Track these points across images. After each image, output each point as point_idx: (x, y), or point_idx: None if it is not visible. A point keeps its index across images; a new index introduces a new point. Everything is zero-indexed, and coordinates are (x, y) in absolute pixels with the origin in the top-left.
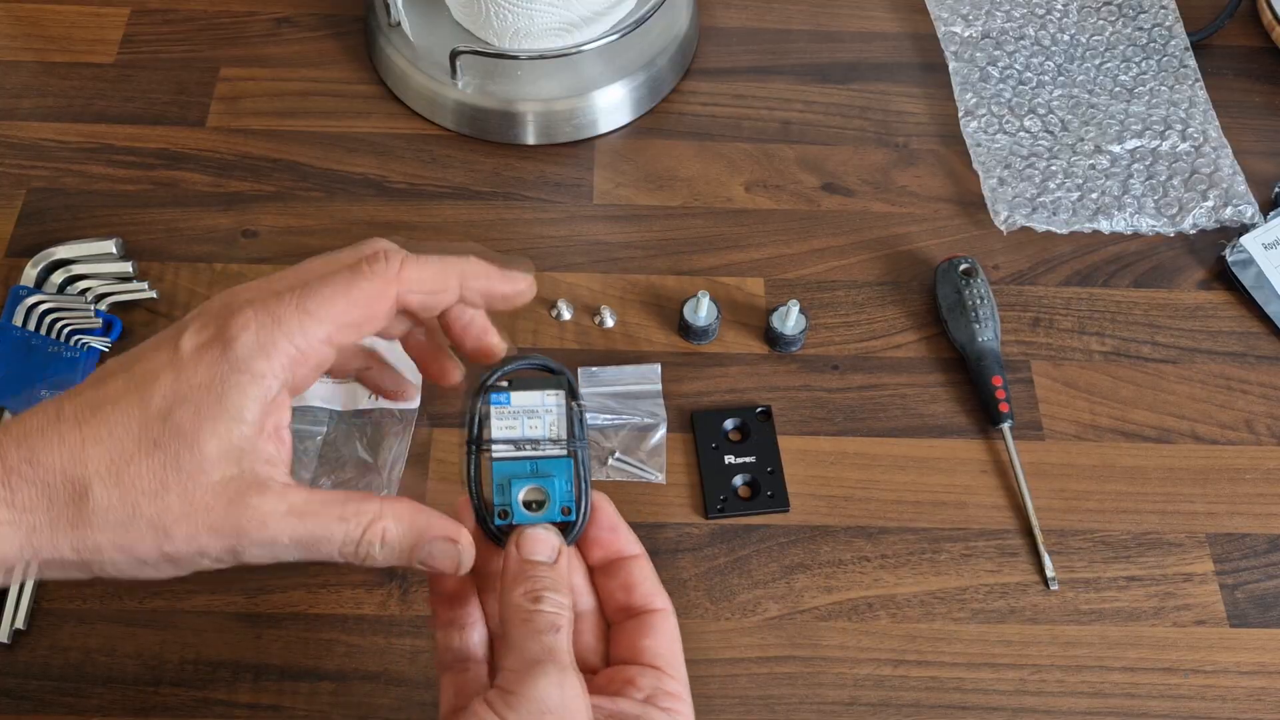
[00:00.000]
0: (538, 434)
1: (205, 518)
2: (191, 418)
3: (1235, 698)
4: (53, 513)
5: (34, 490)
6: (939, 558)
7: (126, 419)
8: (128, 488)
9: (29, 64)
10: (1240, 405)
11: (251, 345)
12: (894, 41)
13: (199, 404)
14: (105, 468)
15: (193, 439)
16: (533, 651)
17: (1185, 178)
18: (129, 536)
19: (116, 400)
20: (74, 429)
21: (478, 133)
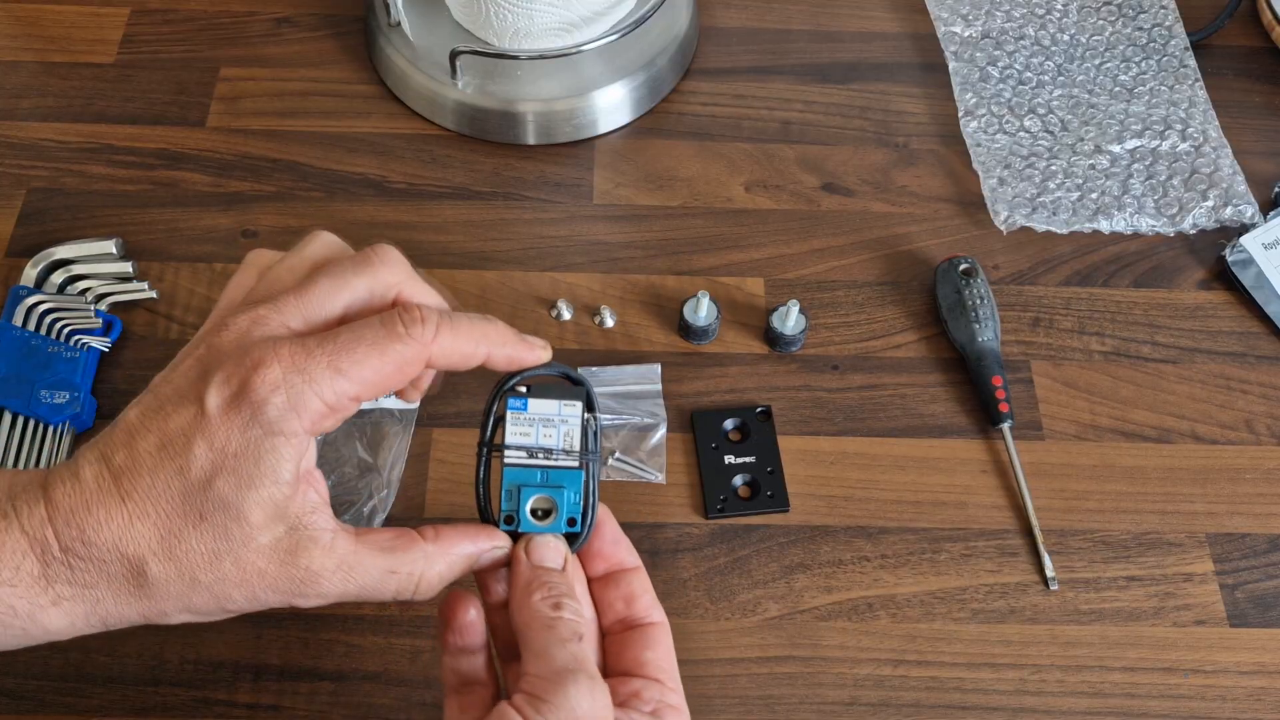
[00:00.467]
0: (551, 443)
1: (261, 580)
2: (234, 488)
3: (1235, 698)
4: (114, 587)
5: (92, 568)
6: (939, 558)
7: (169, 491)
8: (182, 560)
9: (29, 64)
10: (1240, 405)
11: (283, 407)
12: (894, 41)
13: (238, 473)
14: (157, 543)
15: (238, 509)
16: (562, 659)
17: (1185, 178)
18: (192, 601)
19: (154, 469)
20: (119, 504)
21: (478, 133)
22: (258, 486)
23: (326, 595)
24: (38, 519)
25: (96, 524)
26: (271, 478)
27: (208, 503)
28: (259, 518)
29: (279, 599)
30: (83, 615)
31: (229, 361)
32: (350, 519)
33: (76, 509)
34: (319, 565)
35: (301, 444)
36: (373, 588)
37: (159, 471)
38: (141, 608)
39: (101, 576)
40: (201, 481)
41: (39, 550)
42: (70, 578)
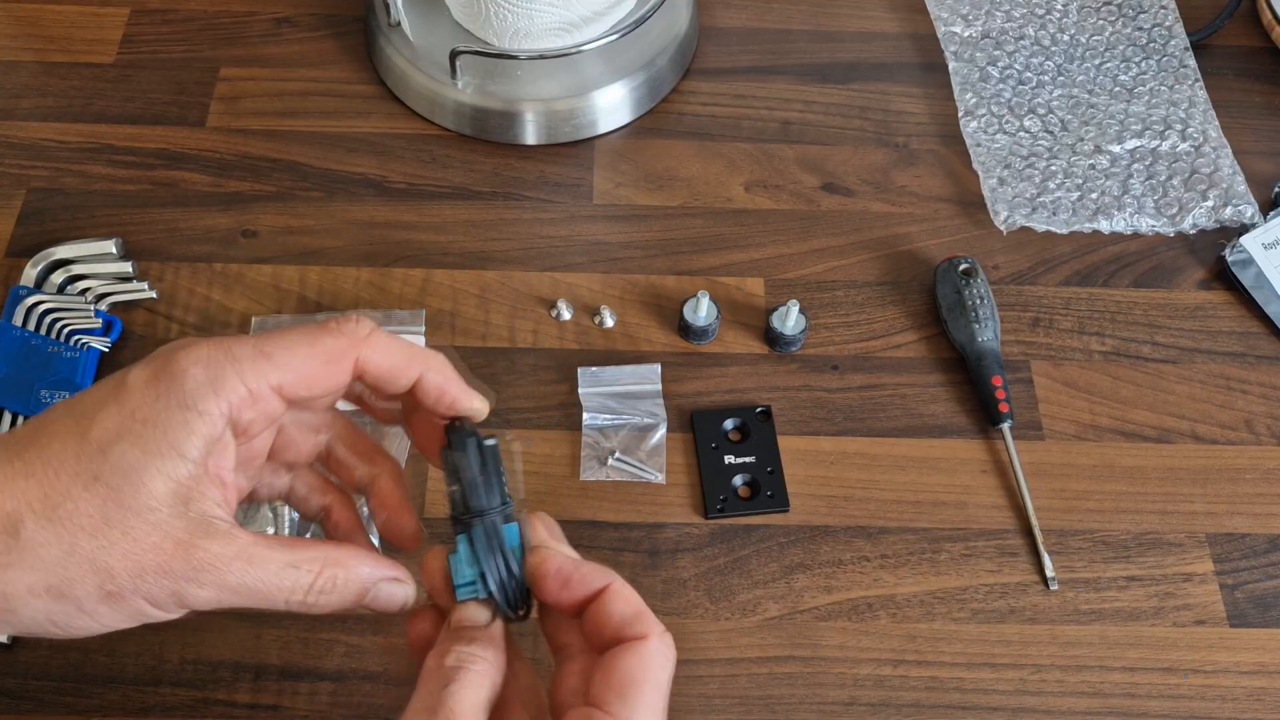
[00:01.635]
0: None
1: (153, 557)
2: (136, 454)
3: (1235, 698)
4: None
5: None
6: (939, 558)
7: (63, 451)
8: (65, 523)
9: (29, 64)
10: (1240, 405)
11: (200, 380)
12: (894, 41)
13: (143, 439)
14: (39, 501)
15: (137, 476)
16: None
17: (1185, 178)
18: (65, 574)
19: (55, 432)
20: (6, 462)
21: (478, 133)
22: (162, 456)
23: (221, 587)
24: None
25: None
26: (178, 451)
27: (105, 464)
28: (160, 489)
29: (167, 585)
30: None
31: (160, 352)
32: None
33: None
34: (218, 551)
35: (215, 425)
36: (272, 582)
37: (58, 434)
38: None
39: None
40: (102, 444)
41: None
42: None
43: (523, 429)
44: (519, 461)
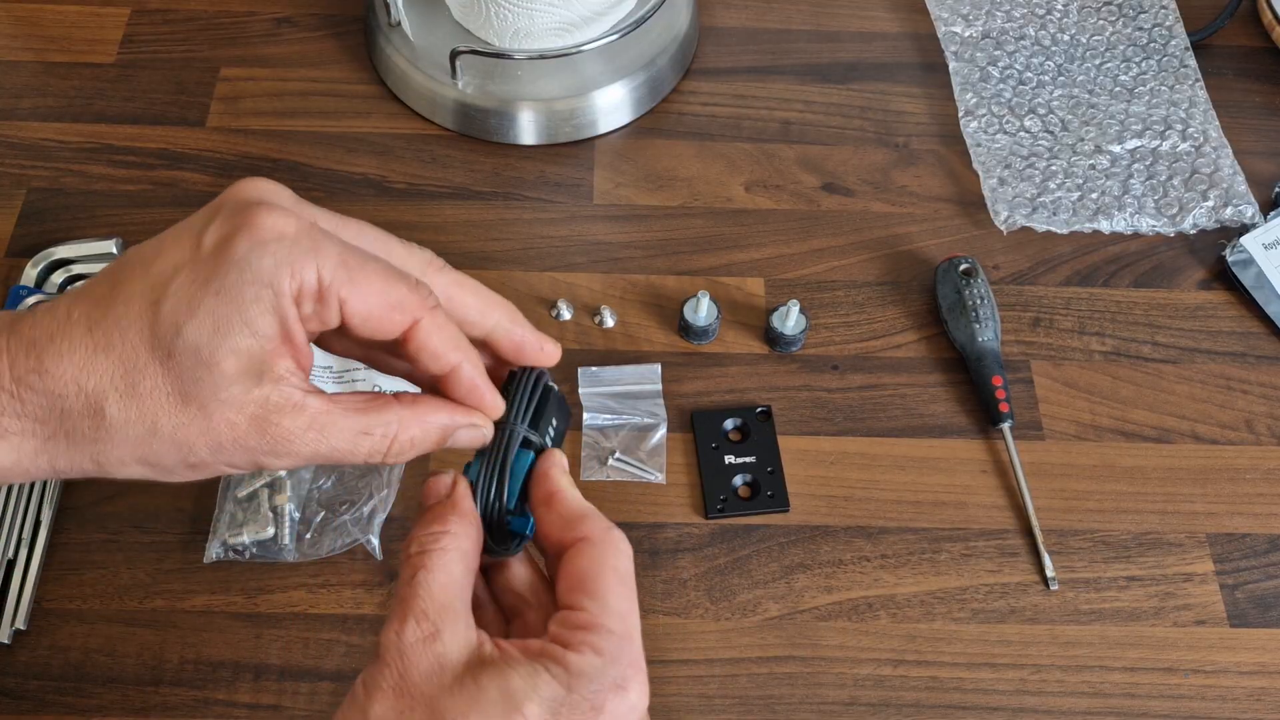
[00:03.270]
0: None
1: (229, 433)
2: (208, 330)
3: (1235, 698)
4: (67, 425)
5: (45, 401)
6: (939, 558)
7: (139, 324)
8: (144, 400)
9: (29, 64)
10: (1240, 405)
11: (281, 258)
12: (894, 41)
13: (215, 314)
14: (120, 379)
15: (210, 355)
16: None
17: (1185, 178)
18: (150, 449)
19: (129, 300)
20: (84, 334)
21: (478, 133)
22: (234, 334)
23: (298, 455)
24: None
25: (57, 354)
26: (250, 328)
27: (178, 342)
28: (232, 368)
29: (246, 457)
30: (30, 453)
31: (242, 205)
32: (350, 519)
33: (39, 339)
34: (290, 424)
35: (287, 305)
36: (345, 449)
37: (133, 302)
38: (95, 452)
39: (54, 412)
40: (175, 322)
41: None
42: (20, 410)
43: None
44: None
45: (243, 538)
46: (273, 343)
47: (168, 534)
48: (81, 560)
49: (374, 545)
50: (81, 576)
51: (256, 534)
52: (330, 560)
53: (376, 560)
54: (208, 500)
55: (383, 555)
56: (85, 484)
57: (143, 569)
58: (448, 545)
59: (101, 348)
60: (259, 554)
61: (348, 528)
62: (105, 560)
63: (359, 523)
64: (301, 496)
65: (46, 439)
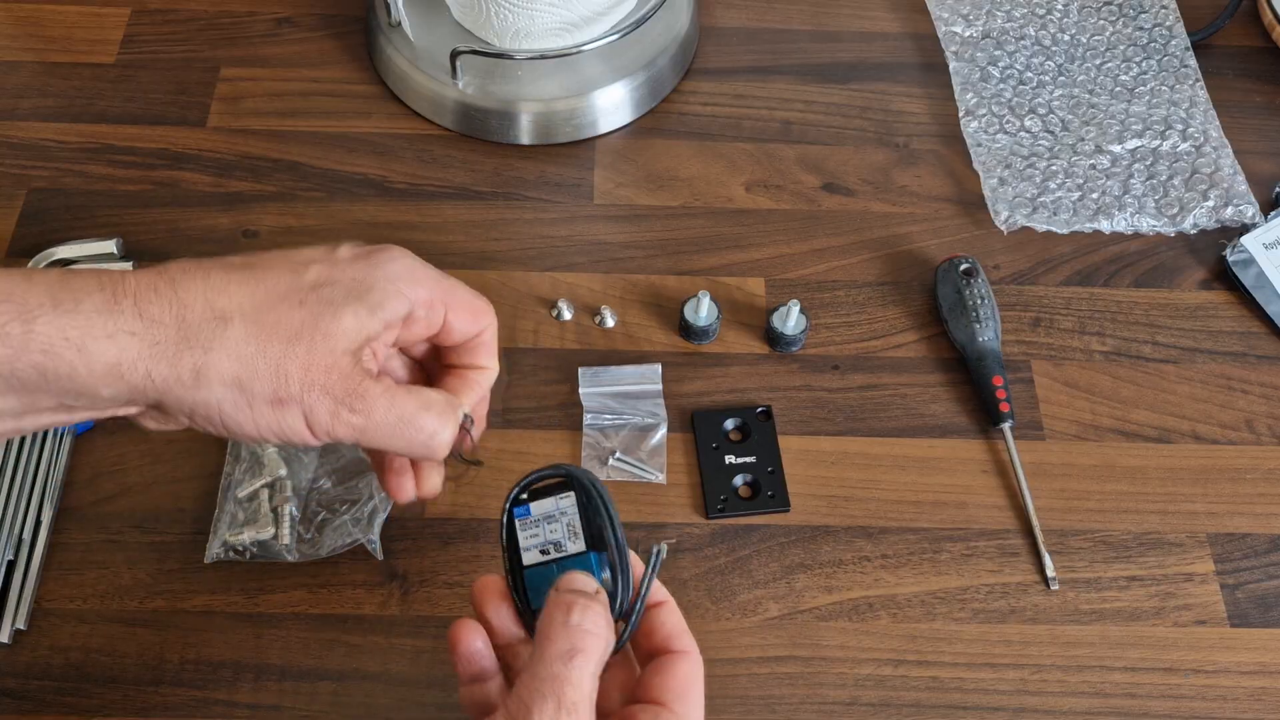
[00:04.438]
0: (557, 536)
1: (323, 376)
2: (341, 296)
3: (1236, 698)
4: (184, 331)
5: (169, 307)
6: (940, 558)
7: (279, 278)
8: (265, 328)
9: (30, 64)
10: (1241, 405)
11: (403, 269)
12: (894, 41)
13: (349, 288)
14: (249, 307)
15: (336, 311)
16: (540, 679)
17: (1186, 178)
18: (251, 370)
19: (269, 265)
20: (221, 274)
21: (478, 133)
22: (360, 304)
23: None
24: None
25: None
26: (373, 307)
27: (312, 295)
28: (350, 325)
29: (327, 404)
30: (133, 356)
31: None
32: (350, 519)
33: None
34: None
35: (401, 305)
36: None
37: (274, 269)
38: (201, 362)
39: (174, 317)
40: (314, 283)
41: (111, 289)
42: (138, 312)
43: (523, 429)
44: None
45: (243, 537)
46: (380, 331)
47: (168, 534)
48: (81, 560)
49: (374, 545)
50: (81, 576)
51: (257, 534)
52: (330, 560)
53: (377, 560)
54: (208, 500)
55: (383, 555)
56: (85, 484)
57: (143, 569)
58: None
59: (239, 283)
60: (259, 554)
61: (348, 528)
62: (105, 560)
63: (359, 523)
64: (302, 496)
65: (155, 343)
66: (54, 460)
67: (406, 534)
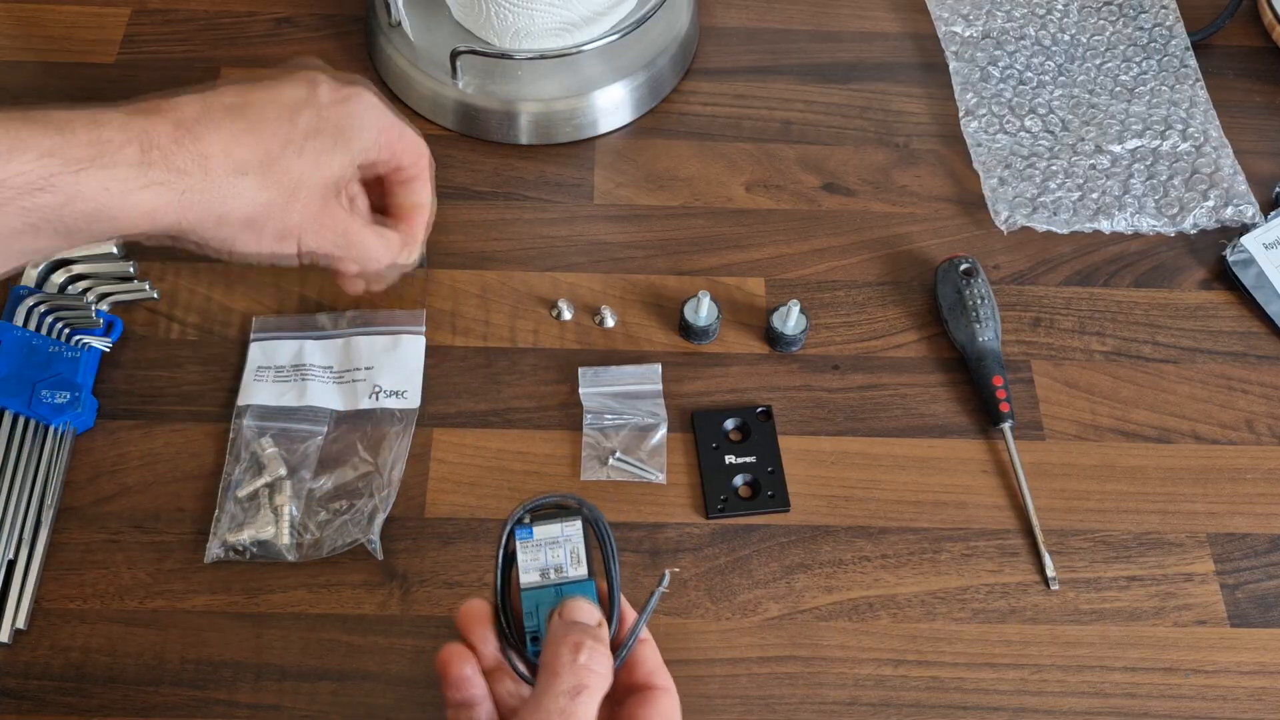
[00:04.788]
0: (560, 561)
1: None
2: (329, 142)
3: (1236, 698)
4: (209, 181)
5: (194, 160)
6: (940, 558)
7: (277, 127)
8: (275, 178)
9: (30, 64)
10: (1241, 405)
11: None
12: (894, 41)
13: (334, 134)
14: (261, 159)
15: (328, 158)
16: (546, 710)
17: (1186, 178)
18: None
19: (264, 111)
20: (228, 120)
21: (478, 133)
22: (343, 151)
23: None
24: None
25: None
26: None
27: (308, 144)
28: (336, 167)
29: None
30: (166, 204)
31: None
32: (350, 519)
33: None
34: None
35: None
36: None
37: (269, 116)
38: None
39: (200, 168)
40: (307, 132)
41: (139, 143)
42: (169, 164)
43: (523, 429)
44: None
45: (243, 537)
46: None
47: (168, 534)
48: (81, 560)
49: (374, 545)
50: (81, 576)
51: (257, 534)
52: (330, 560)
53: (377, 560)
54: (208, 500)
55: (383, 555)
56: (85, 484)
57: (143, 569)
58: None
59: (245, 133)
60: (259, 554)
61: (348, 528)
62: (105, 560)
63: (359, 523)
64: (301, 496)
65: (184, 192)
66: (54, 460)
67: (406, 534)
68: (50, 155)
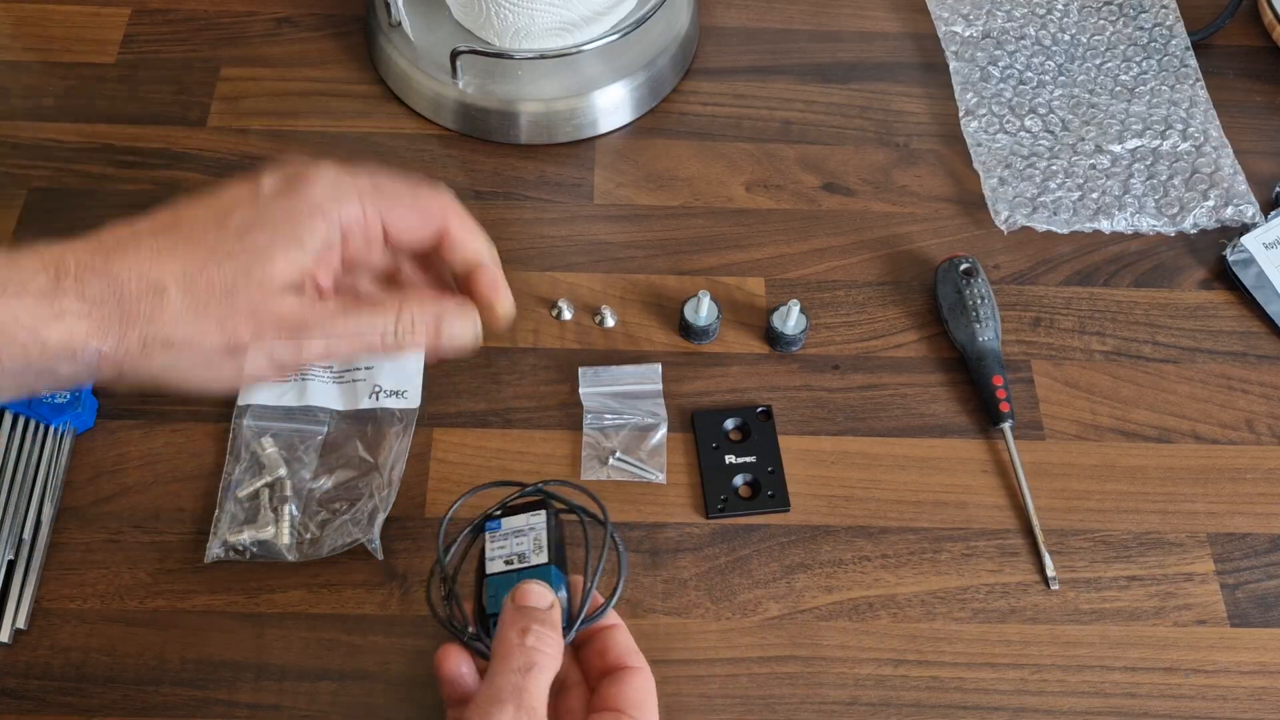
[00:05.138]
0: (523, 549)
1: (272, 320)
2: (267, 239)
3: (1236, 697)
4: (125, 307)
5: (107, 286)
6: (940, 557)
7: (204, 234)
8: (201, 290)
9: (30, 64)
10: (1241, 405)
11: (327, 192)
12: (894, 41)
13: (275, 229)
14: (181, 273)
15: (266, 255)
16: (499, 687)
17: (1186, 177)
18: (198, 330)
19: (194, 221)
20: (150, 240)
21: (478, 132)
22: (289, 245)
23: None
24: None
25: (124, 254)
26: (300, 243)
27: (240, 247)
28: (282, 267)
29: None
30: (83, 334)
31: (286, 168)
32: (350, 519)
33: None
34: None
35: (334, 229)
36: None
37: (199, 222)
38: (146, 331)
39: (113, 295)
40: (239, 230)
41: (53, 269)
42: (80, 293)
43: (523, 429)
44: None
45: (243, 537)
46: (315, 259)
47: (168, 534)
48: (81, 560)
49: (374, 545)
50: (81, 576)
51: (257, 534)
52: (330, 560)
53: (377, 560)
54: (208, 500)
55: (383, 555)
56: (85, 484)
57: (143, 569)
58: (554, 652)
59: (167, 250)
60: (259, 554)
61: (348, 528)
62: (105, 560)
63: (359, 523)
64: (302, 496)
65: (100, 321)
66: (54, 460)
67: (406, 534)
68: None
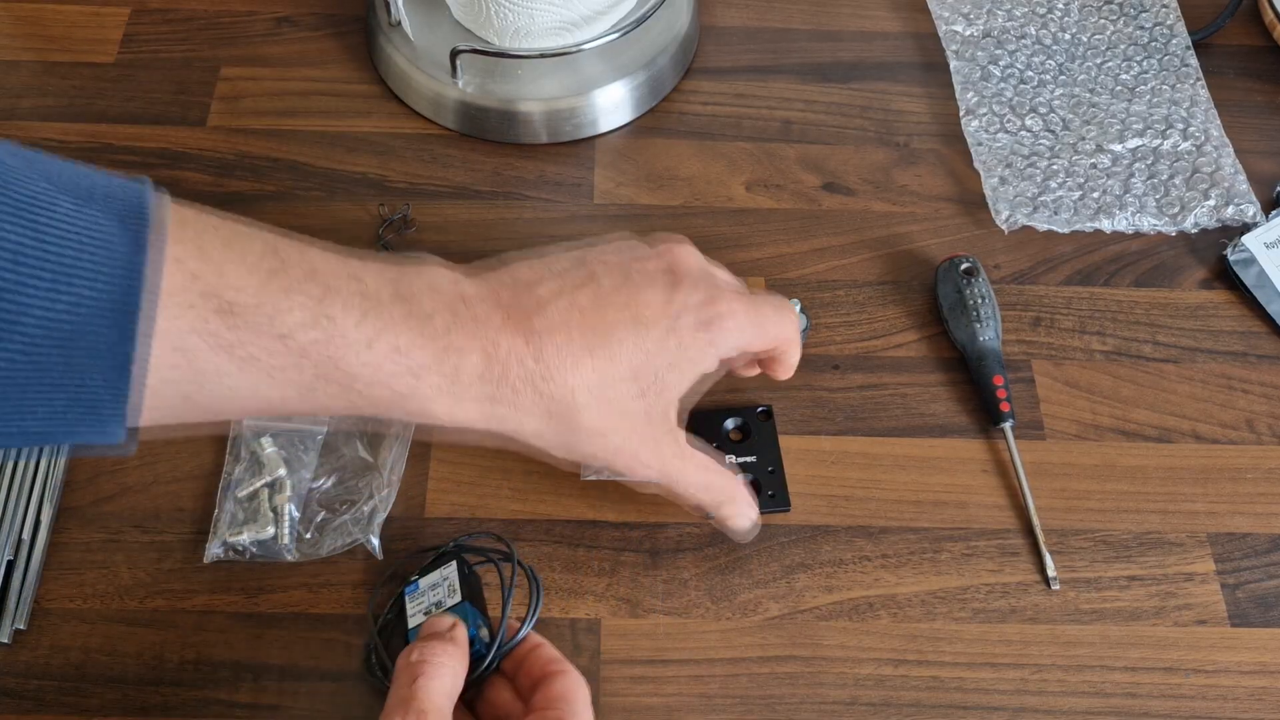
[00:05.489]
0: (440, 598)
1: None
2: (675, 381)
3: (1236, 697)
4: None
5: (539, 401)
6: (940, 557)
7: (630, 358)
8: (607, 409)
9: (29, 64)
10: (1241, 405)
11: (729, 345)
12: (895, 41)
13: (683, 373)
14: (598, 388)
15: (669, 398)
16: (388, 703)
17: (1187, 177)
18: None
19: (622, 340)
20: (586, 356)
21: (478, 132)
22: (689, 379)
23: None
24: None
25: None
26: (695, 389)
27: (653, 385)
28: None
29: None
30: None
31: (700, 290)
32: (350, 519)
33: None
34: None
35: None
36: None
37: (625, 343)
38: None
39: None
40: (658, 367)
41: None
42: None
43: None
44: None
45: (243, 537)
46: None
47: (168, 534)
48: (81, 560)
49: (374, 545)
50: (81, 576)
51: (257, 534)
52: (330, 560)
53: (377, 560)
54: (208, 500)
55: (383, 555)
56: (85, 484)
57: (143, 569)
58: (444, 661)
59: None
60: (259, 554)
61: (348, 528)
62: (105, 560)
63: (359, 523)
64: (301, 496)
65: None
66: (54, 460)
67: (406, 534)
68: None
